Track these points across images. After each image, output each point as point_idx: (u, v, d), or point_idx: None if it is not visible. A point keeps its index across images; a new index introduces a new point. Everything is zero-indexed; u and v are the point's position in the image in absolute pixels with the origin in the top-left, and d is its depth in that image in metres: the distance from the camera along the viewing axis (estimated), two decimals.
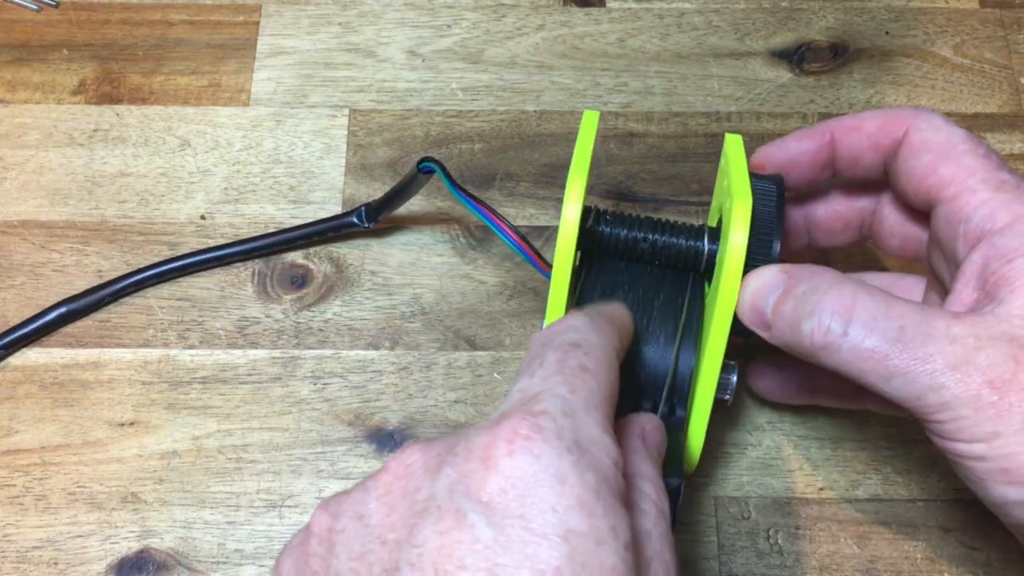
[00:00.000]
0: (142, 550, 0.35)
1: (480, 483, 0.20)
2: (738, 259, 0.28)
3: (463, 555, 0.19)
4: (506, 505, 0.20)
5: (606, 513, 0.20)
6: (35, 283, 0.40)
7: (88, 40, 0.45)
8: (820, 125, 0.32)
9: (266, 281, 0.40)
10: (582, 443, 0.21)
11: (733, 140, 0.32)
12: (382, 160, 0.42)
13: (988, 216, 0.27)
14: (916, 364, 0.25)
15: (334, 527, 0.22)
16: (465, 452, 0.21)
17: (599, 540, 0.20)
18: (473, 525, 0.20)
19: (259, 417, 0.37)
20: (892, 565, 0.35)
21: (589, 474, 0.21)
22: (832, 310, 0.26)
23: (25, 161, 0.42)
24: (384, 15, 0.46)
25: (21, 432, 0.37)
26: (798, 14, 0.46)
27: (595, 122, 0.32)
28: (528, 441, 0.21)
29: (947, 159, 0.28)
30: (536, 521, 0.20)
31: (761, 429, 0.37)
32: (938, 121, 0.29)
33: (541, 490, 0.20)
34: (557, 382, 0.23)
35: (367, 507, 0.22)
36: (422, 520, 0.20)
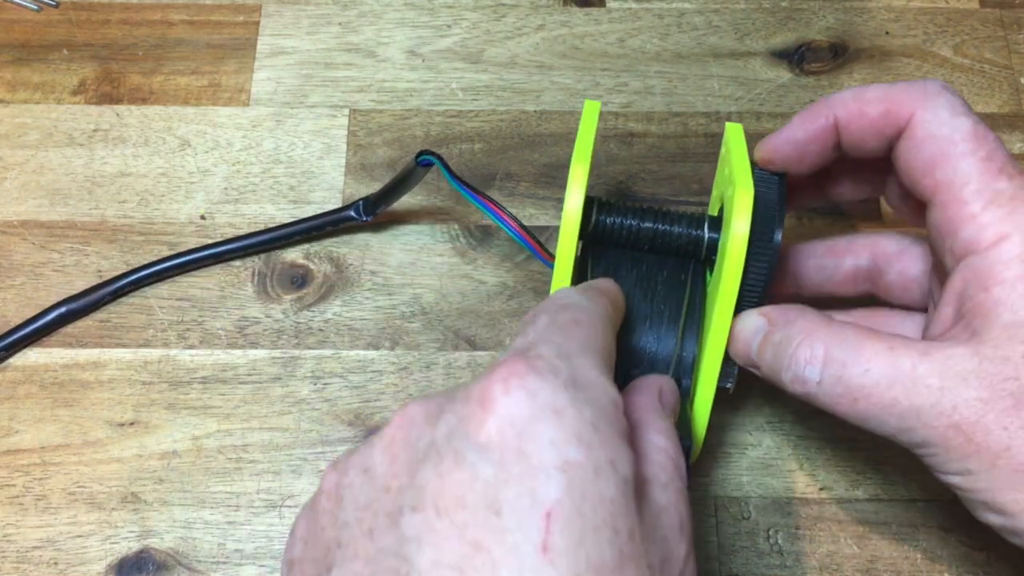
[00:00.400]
0: (142, 550, 0.35)
1: (478, 425, 0.20)
2: (740, 248, 0.29)
3: (463, 493, 0.20)
4: (504, 442, 0.20)
5: (604, 446, 0.21)
6: (35, 283, 0.40)
7: (88, 40, 0.45)
8: (822, 105, 0.30)
9: (266, 281, 0.40)
10: (579, 381, 0.22)
11: (734, 128, 0.32)
12: (382, 160, 0.42)
13: (974, 235, 0.26)
14: (883, 409, 0.26)
15: (341, 482, 0.23)
16: (463, 398, 0.21)
17: (598, 471, 0.20)
18: (473, 464, 0.20)
19: (259, 417, 0.37)
20: (892, 565, 0.35)
21: (587, 409, 0.21)
22: (804, 362, 0.27)
23: (25, 161, 0.42)
24: (384, 15, 0.46)
25: (21, 432, 0.37)
26: (798, 14, 0.46)
27: (596, 112, 0.32)
28: (523, 379, 0.21)
29: (944, 161, 0.27)
30: (534, 455, 0.20)
31: (761, 429, 0.37)
32: (944, 112, 0.28)
33: (538, 425, 0.20)
34: (551, 332, 0.23)
35: (372, 460, 0.22)
36: (423, 465, 0.21)
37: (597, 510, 0.20)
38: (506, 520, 0.19)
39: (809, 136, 0.31)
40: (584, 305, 0.25)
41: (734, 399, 0.37)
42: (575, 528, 0.19)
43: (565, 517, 0.19)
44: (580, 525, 0.19)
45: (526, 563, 0.19)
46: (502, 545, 0.19)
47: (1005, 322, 0.25)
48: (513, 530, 0.19)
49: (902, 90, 0.29)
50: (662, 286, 0.32)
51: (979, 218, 0.26)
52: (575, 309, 0.25)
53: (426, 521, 0.20)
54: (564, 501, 0.19)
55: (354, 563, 0.21)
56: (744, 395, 0.38)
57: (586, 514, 0.20)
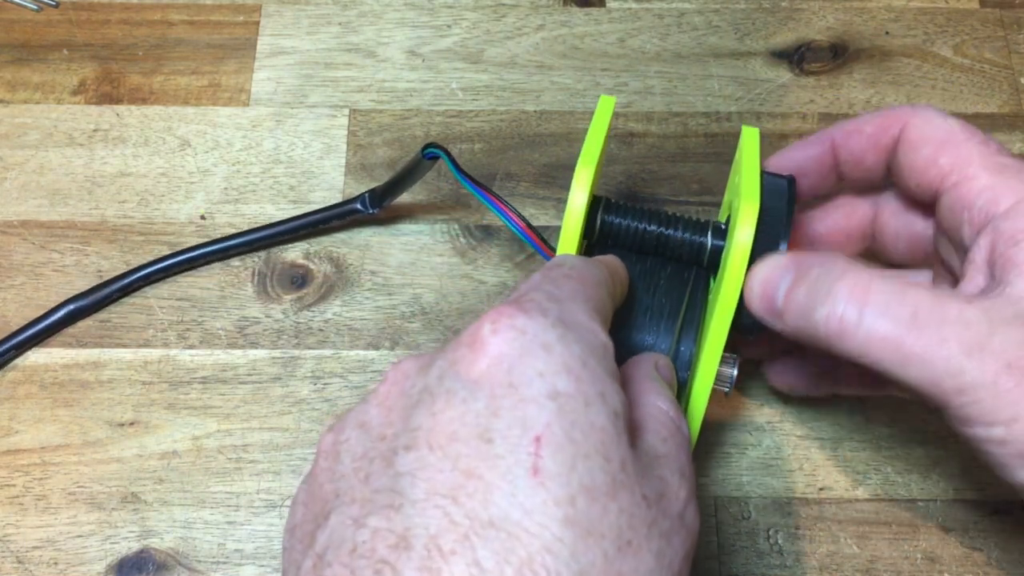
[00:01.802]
0: (142, 550, 0.35)
1: (469, 364, 0.21)
2: (742, 257, 0.29)
3: (455, 429, 0.20)
4: (494, 378, 0.20)
5: (593, 379, 0.21)
6: (35, 283, 0.40)
7: (88, 40, 0.45)
8: (820, 133, 0.32)
9: (266, 281, 0.40)
10: (567, 321, 0.22)
11: (749, 133, 0.32)
12: (382, 160, 0.42)
13: (991, 200, 0.27)
14: (931, 349, 0.24)
15: (338, 439, 0.23)
16: (454, 344, 0.22)
17: (587, 402, 0.21)
18: (464, 401, 0.20)
19: (259, 417, 0.37)
20: (892, 565, 0.35)
21: (575, 345, 0.21)
22: (846, 295, 0.25)
23: (25, 161, 0.42)
24: (384, 15, 0.46)
25: (21, 432, 0.37)
26: (798, 14, 0.46)
27: (610, 108, 0.32)
28: (512, 319, 0.21)
29: (946, 149, 0.28)
30: (524, 388, 0.20)
31: (761, 429, 0.37)
32: (934, 115, 0.29)
33: (527, 359, 0.21)
34: (543, 283, 0.24)
35: (367, 415, 0.23)
36: (416, 409, 0.21)
37: (588, 437, 0.20)
38: (497, 448, 0.20)
39: (807, 156, 0.32)
40: (579, 265, 0.26)
41: (734, 399, 0.37)
42: (565, 453, 0.20)
43: (555, 442, 0.20)
44: (571, 450, 0.20)
45: (518, 486, 0.19)
46: (494, 471, 0.19)
47: None
48: (504, 456, 0.19)
49: (893, 109, 0.31)
50: (665, 281, 0.32)
51: (993, 186, 0.27)
52: (570, 267, 0.25)
53: (419, 457, 0.20)
54: (554, 426, 0.20)
55: (351, 507, 0.21)
56: (744, 395, 0.38)
57: (576, 440, 0.20)
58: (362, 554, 0.19)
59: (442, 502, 0.19)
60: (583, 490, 0.20)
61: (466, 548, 0.19)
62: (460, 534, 0.19)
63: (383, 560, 0.19)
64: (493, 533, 0.19)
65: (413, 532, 0.19)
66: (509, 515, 0.19)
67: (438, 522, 0.19)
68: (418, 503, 0.19)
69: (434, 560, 0.19)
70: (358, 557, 0.19)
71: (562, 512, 0.19)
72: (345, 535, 0.20)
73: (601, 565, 0.19)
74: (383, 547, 0.19)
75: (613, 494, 0.20)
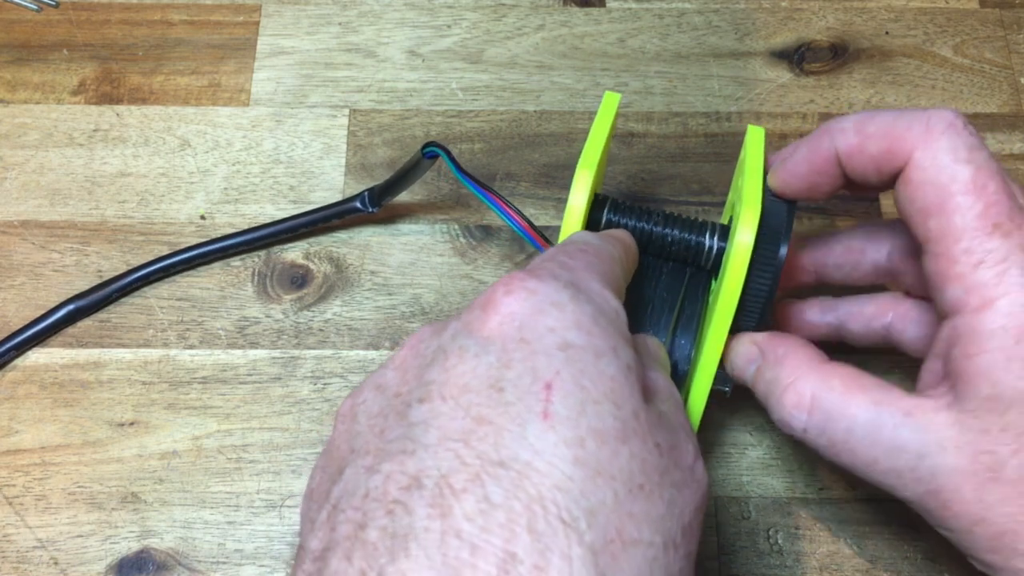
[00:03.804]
0: (142, 550, 0.35)
1: (481, 323, 0.21)
2: (743, 259, 0.29)
3: (467, 380, 0.21)
4: (506, 334, 0.21)
5: (605, 335, 0.21)
6: (35, 283, 0.40)
7: (88, 40, 0.45)
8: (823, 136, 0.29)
9: (266, 281, 0.40)
10: (580, 286, 0.23)
11: (754, 132, 0.32)
12: (382, 160, 0.42)
13: (960, 296, 0.25)
14: (865, 466, 0.27)
15: (355, 402, 0.24)
16: (467, 309, 0.22)
17: (598, 354, 0.21)
18: (476, 355, 0.21)
19: (259, 417, 0.37)
20: (892, 565, 0.35)
21: (587, 304, 0.22)
22: (791, 408, 0.28)
23: (25, 161, 0.42)
24: (384, 15, 0.46)
25: (21, 432, 0.37)
26: (798, 14, 0.46)
27: (615, 105, 0.32)
28: (524, 281, 0.22)
29: (939, 212, 0.26)
30: (535, 341, 0.21)
31: (761, 429, 0.37)
32: (944, 156, 0.26)
33: (539, 316, 0.21)
34: (556, 254, 0.24)
35: (385, 378, 0.23)
36: (430, 367, 0.22)
37: (597, 384, 0.20)
38: (508, 395, 0.20)
39: (814, 169, 0.30)
40: (593, 241, 0.26)
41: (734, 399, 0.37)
42: (575, 398, 0.20)
43: (565, 388, 0.20)
44: (580, 396, 0.20)
45: (528, 429, 0.20)
46: (504, 416, 0.20)
47: (985, 394, 0.25)
48: (515, 403, 0.20)
49: (905, 125, 0.27)
50: (665, 278, 0.32)
51: (966, 279, 0.25)
52: (584, 243, 0.26)
53: (432, 408, 0.20)
54: (564, 373, 0.20)
55: (365, 458, 0.21)
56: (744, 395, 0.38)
57: (586, 387, 0.20)
58: (375, 497, 0.20)
59: (454, 445, 0.20)
60: (592, 432, 0.20)
61: (476, 486, 0.19)
62: (471, 473, 0.19)
63: (395, 500, 0.19)
64: (503, 472, 0.19)
65: (425, 473, 0.19)
66: (519, 455, 0.19)
67: (449, 463, 0.19)
68: (430, 447, 0.20)
69: (445, 497, 0.19)
70: (371, 500, 0.20)
71: (572, 452, 0.19)
72: (359, 482, 0.20)
73: (612, 504, 0.19)
74: (395, 489, 0.19)
75: (624, 438, 0.20)
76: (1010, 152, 0.43)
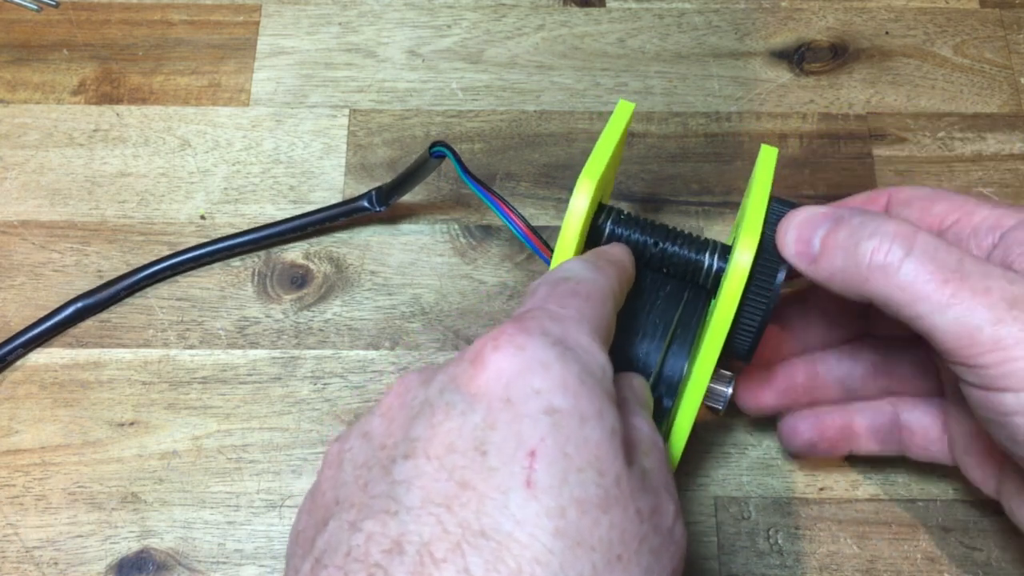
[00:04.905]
0: (142, 550, 0.35)
1: (469, 379, 0.21)
2: (739, 281, 0.28)
3: (452, 440, 0.20)
4: (492, 392, 0.21)
5: (591, 397, 0.21)
6: (35, 283, 0.40)
7: (88, 40, 0.45)
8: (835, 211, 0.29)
9: (266, 281, 0.40)
10: (568, 342, 0.22)
11: (767, 152, 0.32)
12: (382, 160, 0.42)
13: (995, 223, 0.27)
14: (975, 296, 0.24)
15: (343, 448, 0.23)
16: (456, 360, 0.22)
17: (583, 419, 0.21)
18: (463, 413, 0.21)
19: (259, 417, 0.37)
20: (892, 565, 0.35)
21: (574, 364, 0.22)
22: (894, 235, 0.25)
23: (25, 161, 0.42)
24: (384, 15, 0.46)
25: (21, 432, 0.37)
26: (798, 14, 0.46)
27: (627, 115, 0.31)
28: (512, 337, 0.22)
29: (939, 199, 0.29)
30: (520, 403, 0.21)
31: (761, 429, 0.37)
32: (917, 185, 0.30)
33: (526, 376, 0.21)
34: (547, 301, 0.24)
35: (371, 426, 0.23)
36: (416, 420, 0.22)
37: (581, 451, 0.20)
38: (492, 460, 0.20)
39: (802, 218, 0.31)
40: (586, 277, 0.26)
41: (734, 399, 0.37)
42: (559, 467, 0.20)
43: (549, 456, 0.20)
44: (564, 464, 0.20)
45: (511, 497, 0.19)
46: (488, 482, 0.20)
47: None
48: (498, 468, 0.20)
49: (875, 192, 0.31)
50: (663, 300, 0.31)
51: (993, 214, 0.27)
52: (576, 281, 0.25)
53: (416, 466, 0.20)
54: (548, 441, 0.20)
55: (349, 512, 0.21)
56: None
57: (570, 454, 0.20)
58: (356, 557, 0.20)
59: (436, 510, 0.20)
60: (574, 502, 0.20)
61: (457, 556, 0.19)
62: (452, 542, 0.19)
63: (377, 564, 0.19)
64: (484, 542, 0.19)
65: (407, 538, 0.19)
66: (500, 526, 0.19)
67: (431, 529, 0.19)
68: (413, 510, 0.20)
69: (426, 566, 0.19)
70: (352, 560, 0.20)
71: (552, 524, 0.19)
72: (341, 538, 0.20)
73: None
74: (377, 551, 0.19)
75: (605, 507, 0.20)
76: (1010, 152, 0.43)
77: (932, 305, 0.24)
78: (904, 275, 0.25)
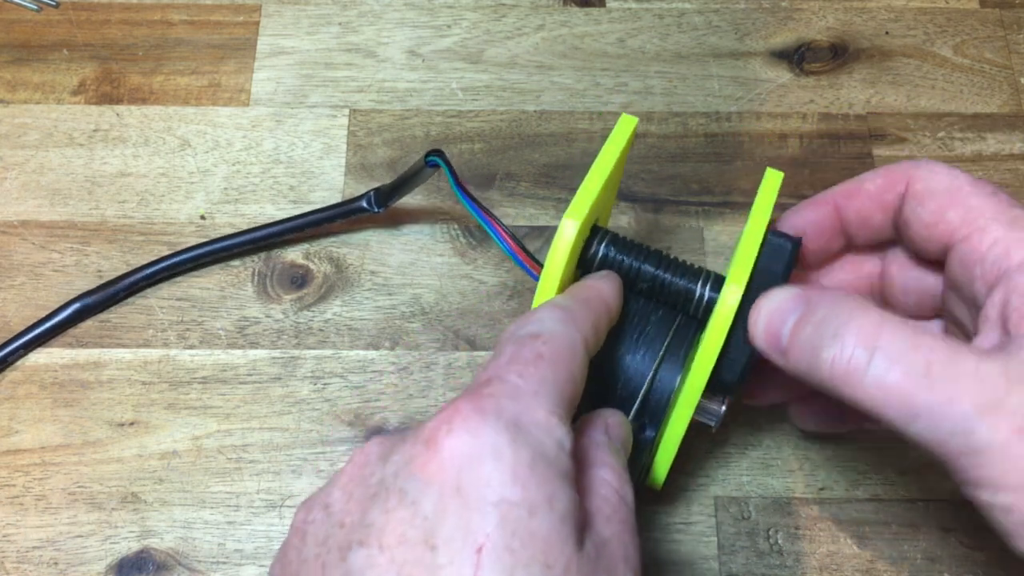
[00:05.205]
0: (142, 550, 0.35)
1: (423, 464, 0.22)
2: (726, 318, 0.28)
3: (404, 530, 0.21)
4: (444, 480, 0.21)
5: (541, 485, 0.21)
6: (35, 283, 0.40)
7: (88, 40, 0.45)
8: (821, 195, 0.31)
9: (266, 281, 0.40)
10: (522, 423, 0.22)
11: (772, 176, 0.31)
12: (382, 160, 0.42)
13: (1003, 254, 0.26)
14: (943, 405, 0.23)
15: (307, 519, 0.24)
16: (412, 437, 0.22)
17: (532, 510, 0.21)
18: (415, 502, 0.21)
19: (259, 417, 0.37)
20: (892, 565, 0.35)
21: (525, 450, 0.22)
22: (855, 338, 0.24)
23: (25, 161, 0.42)
24: (384, 15, 0.46)
25: (21, 432, 0.37)
26: (798, 14, 0.46)
27: (629, 131, 0.31)
28: (466, 421, 0.22)
29: (953, 202, 0.27)
30: (471, 494, 0.21)
31: (761, 429, 0.37)
32: (938, 167, 0.28)
33: (477, 464, 0.21)
34: (508, 371, 0.24)
35: (332, 497, 0.23)
36: (372, 503, 0.22)
37: (528, 546, 0.21)
38: (440, 556, 0.20)
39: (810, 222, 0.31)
40: (556, 332, 0.25)
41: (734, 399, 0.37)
42: (505, 563, 0.20)
43: (496, 553, 0.20)
44: (511, 561, 0.20)
45: None
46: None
47: None
48: (446, 566, 0.20)
49: (894, 165, 0.29)
50: (652, 327, 0.31)
51: (1004, 239, 0.26)
52: (543, 340, 0.25)
53: (369, 556, 0.21)
54: (495, 537, 0.20)
55: None
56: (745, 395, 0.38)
57: (516, 550, 0.20)
58: None
59: None
60: None
61: None
62: None
63: None
64: None
65: None
66: None
67: None
68: None
69: None
70: None
71: None
72: None
73: None
74: None
75: None
76: (1010, 152, 0.43)
77: (898, 416, 0.24)
78: (866, 388, 0.24)
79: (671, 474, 0.32)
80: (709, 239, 0.41)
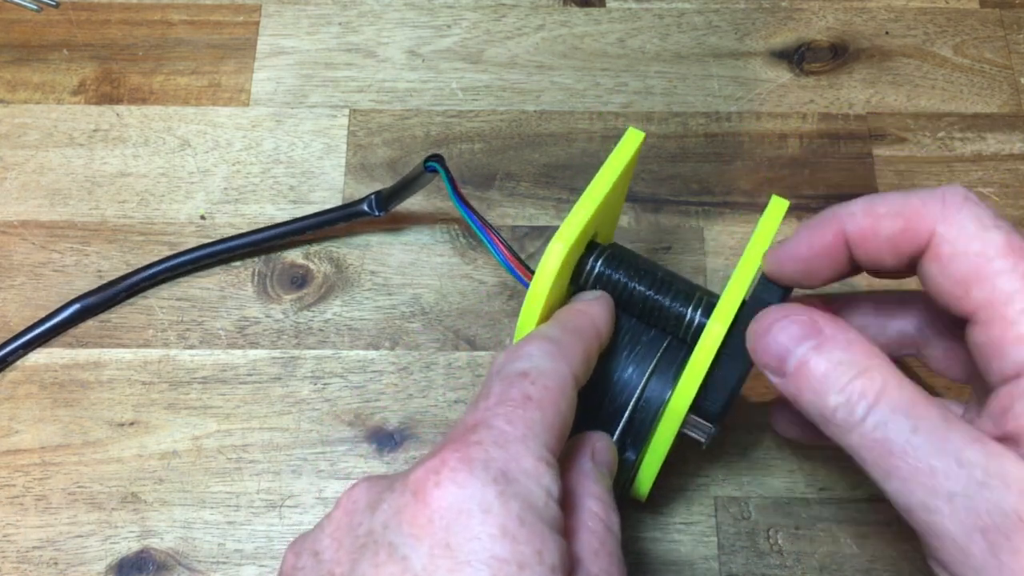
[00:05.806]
0: (142, 550, 0.35)
1: (411, 516, 0.22)
2: (710, 348, 0.28)
3: None
4: (433, 535, 0.21)
5: (530, 539, 0.21)
6: (35, 283, 0.40)
7: (88, 40, 0.45)
8: (829, 218, 0.27)
9: (266, 281, 0.40)
10: (510, 473, 0.22)
11: (777, 204, 0.30)
12: (382, 160, 0.42)
13: None
14: (917, 475, 0.23)
15: (296, 564, 0.24)
16: (400, 487, 0.22)
17: (522, 565, 0.21)
18: (404, 557, 0.21)
19: (259, 417, 0.37)
20: (892, 565, 0.35)
21: (513, 503, 0.22)
22: (861, 392, 0.24)
23: (25, 161, 0.42)
24: (384, 15, 0.46)
25: (21, 432, 0.37)
26: (798, 14, 0.46)
27: (635, 146, 0.30)
28: (454, 472, 0.22)
29: (980, 280, 0.24)
30: (461, 549, 0.21)
31: (761, 429, 0.37)
32: (970, 225, 0.24)
33: (465, 520, 0.21)
34: (495, 414, 0.24)
35: (321, 543, 0.23)
36: (362, 555, 0.22)
37: None
38: None
39: (815, 252, 0.28)
40: (544, 369, 0.25)
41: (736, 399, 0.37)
42: None
43: None
44: None
45: None
46: None
47: None
48: None
49: (919, 203, 0.25)
50: (643, 346, 0.31)
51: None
52: (531, 378, 0.25)
53: None
54: None
55: None
56: (744, 395, 0.38)
57: None
58: None
59: None
60: None
61: None
62: None
63: None
64: None
65: None
66: None
67: None
68: None
69: None
70: None
71: None
72: None
73: None
74: None
75: None
76: (1010, 152, 0.43)
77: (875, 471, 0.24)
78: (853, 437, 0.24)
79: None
80: (709, 239, 0.41)
